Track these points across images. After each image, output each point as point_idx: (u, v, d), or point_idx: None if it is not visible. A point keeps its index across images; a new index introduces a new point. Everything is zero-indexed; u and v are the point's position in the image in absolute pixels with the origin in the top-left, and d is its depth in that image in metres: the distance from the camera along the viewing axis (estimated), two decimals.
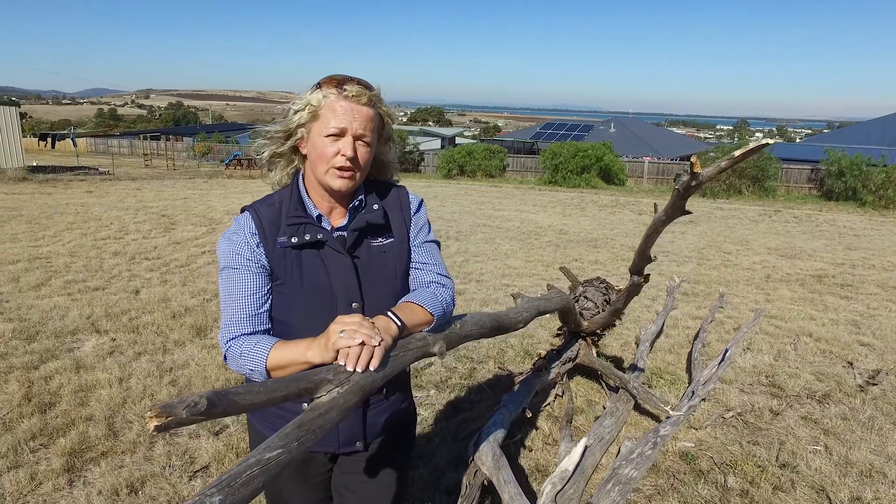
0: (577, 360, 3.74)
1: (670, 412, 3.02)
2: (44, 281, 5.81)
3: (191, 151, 35.52)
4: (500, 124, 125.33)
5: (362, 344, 1.18)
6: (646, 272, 2.71)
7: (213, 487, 0.85)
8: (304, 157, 1.39)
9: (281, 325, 1.40)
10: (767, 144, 1.53)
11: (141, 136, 38.13)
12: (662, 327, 5.23)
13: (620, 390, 3.43)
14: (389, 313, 1.31)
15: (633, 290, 2.87)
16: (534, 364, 3.40)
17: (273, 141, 1.39)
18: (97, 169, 22.57)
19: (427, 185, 20.97)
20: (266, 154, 1.41)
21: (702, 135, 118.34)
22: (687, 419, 3.42)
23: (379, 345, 1.20)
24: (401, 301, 1.41)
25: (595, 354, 3.79)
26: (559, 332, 3.96)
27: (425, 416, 3.48)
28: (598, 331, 3.97)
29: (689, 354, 4.44)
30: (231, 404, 0.92)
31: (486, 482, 2.12)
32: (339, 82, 1.31)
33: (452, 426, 3.31)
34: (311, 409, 1.08)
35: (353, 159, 1.32)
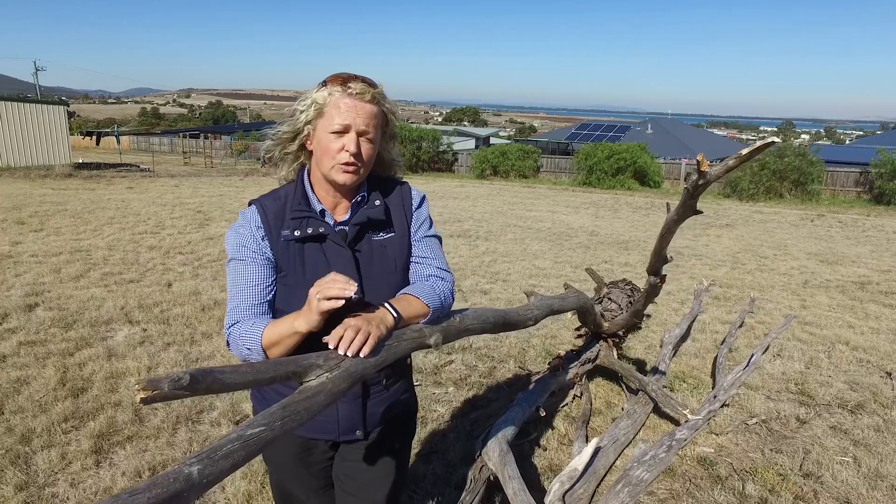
0: (598, 362, 3.70)
1: (689, 416, 2.97)
2: (83, 273, 6.05)
3: (228, 149, 36.40)
4: (535, 125, 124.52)
5: (358, 330, 1.21)
6: (663, 273, 2.66)
7: (193, 458, 0.89)
8: (310, 153, 1.43)
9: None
10: (774, 143, 1.49)
11: (181, 134, 39.17)
12: (689, 331, 5.13)
13: (640, 393, 3.39)
14: (386, 304, 1.34)
15: (652, 292, 2.83)
16: (549, 363, 3.38)
17: (282, 141, 1.44)
18: (138, 166, 23.30)
19: (460, 185, 21.01)
20: (277, 154, 1.46)
21: (744, 136, 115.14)
22: (708, 424, 3.35)
23: (372, 333, 1.23)
24: (399, 293, 1.43)
25: (616, 356, 3.74)
26: (577, 331, 3.93)
27: (442, 413, 3.49)
28: (620, 333, 3.92)
29: (715, 359, 4.34)
30: (215, 381, 0.95)
31: (492, 477, 2.12)
32: (343, 80, 1.35)
33: (468, 423, 3.32)
34: (298, 391, 1.11)
35: (357, 155, 1.35)
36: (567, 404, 3.54)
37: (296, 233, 1.40)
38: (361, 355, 1.20)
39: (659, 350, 4.28)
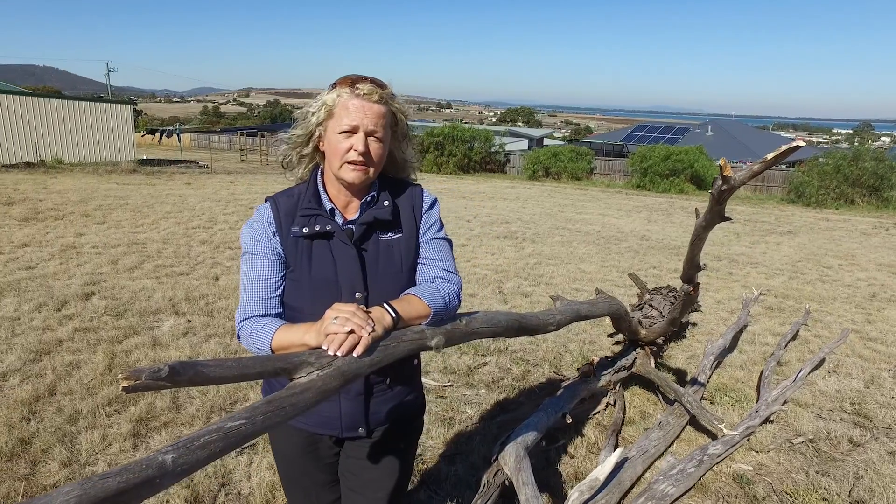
0: (633, 370, 3.59)
1: (725, 431, 2.83)
2: (137, 264, 6.34)
3: None
4: (591, 126, 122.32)
5: (351, 332, 1.21)
6: (696, 281, 2.55)
7: (170, 447, 0.91)
8: (324, 154, 1.46)
9: (292, 311, 1.46)
10: (799, 147, 1.40)
11: (239, 132, 40.43)
12: (736, 342, 4.92)
13: (676, 404, 3.26)
14: (385, 304, 1.34)
15: (687, 300, 2.72)
16: (578, 370, 3.30)
17: (297, 144, 1.47)
18: (197, 163, 24.19)
19: (510, 187, 20.86)
20: (294, 159, 1.50)
21: (814, 139, 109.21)
22: (748, 440, 3.19)
23: (368, 334, 1.23)
24: (403, 294, 1.43)
25: (653, 365, 3.62)
26: (610, 337, 3.82)
27: (471, 415, 3.47)
28: (659, 341, 3.79)
29: (762, 373, 4.13)
30: (198, 374, 0.97)
31: (507, 482, 2.09)
32: (352, 82, 1.37)
33: (494, 426, 3.28)
34: (287, 388, 1.12)
35: (366, 154, 1.38)
36: (599, 412, 3.45)
37: (304, 230, 1.43)
38: (354, 355, 1.21)
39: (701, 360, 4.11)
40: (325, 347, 1.21)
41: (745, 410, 3.62)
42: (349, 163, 1.38)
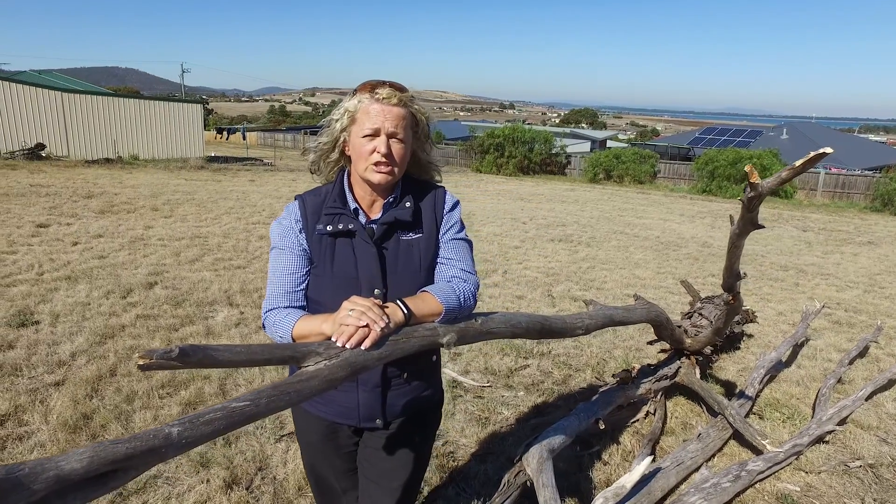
0: (676, 379, 3.48)
1: (768, 447, 2.71)
2: (198, 257, 6.67)
3: None
4: (658, 128, 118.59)
5: (366, 326, 1.27)
6: (737, 290, 2.45)
7: (176, 421, 0.98)
8: (350, 158, 1.52)
9: (315, 305, 1.54)
10: (826, 154, 1.32)
11: (303, 130, 41.57)
12: (794, 356, 4.68)
13: (719, 416, 3.14)
14: (398, 301, 1.39)
15: (731, 310, 2.61)
16: (614, 375, 3.24)
17: (324, 152, 1.55)
18: (262, 160, 25.12)
19: (570, 189, 20.54)
20: (322, 166, 1.58)
21: None
22: (797, 459, 3.04)
23: (380, 329, 1.28)
24: (419, 291, 1.47)
25: (698, 375, 3.50)
26: (650, 344, 3.72)
27: (507, 416, 3.47)
28: (707, 351, 3.66)
29: (819, 390, 3.91)
30: (207, 357, 1.04)
31: (528, 483, 2.08)
32: (371, 87, 1.44)
33: (528, 428, 3.27)
34: (294, 374, 1.18)
35: (388, 155, 1.43)
36: (638, 420, 3.37)
37: (328, 227, 1.50)
38: (363, 348, 1.26)
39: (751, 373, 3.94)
40: (334, 339, 1.26)
41: (797, 428, 3.44)
42: (373, 164, 1.44)
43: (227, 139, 43.22)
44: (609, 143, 38.83)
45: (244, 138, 36.52)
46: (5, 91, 19.96)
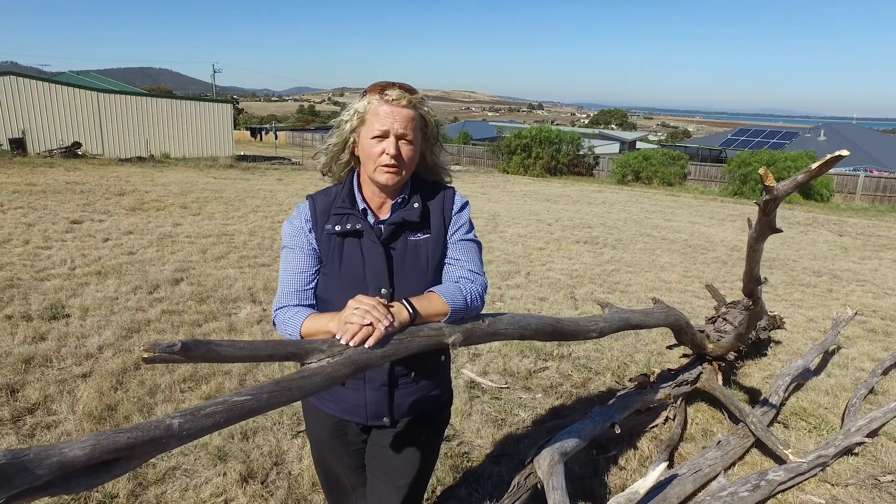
0: (697, 385, 3.41)
1: (791, 457, 2.63)
2: (224, 254, 6.79)
3: None
4: (690, 129, 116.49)
5: (370, 324, 1.28)
6: (757, 295, 2.38)
7: (178, 413, 1.00)
8: (358, 159, 1.54)
9: (324, 303, 1.55)
10: (842, 157, 1.28)
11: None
12: (824, 364, 4.54)
13: (741, 424, 3.07)
14: (404, 300, 1.40)
15: (752, 315, 2.55)
16: (631, 379, 3.19)
17: (334, 153, 1.56)
18: (290, 159, 25.44)
19: (597, 190, 20.34)
20: (334, 168, 1.59)
21: None
22: (823, 471, 2.95)
23: (384, 327, 1.29)
24: (426, 291, 1.48)
25: (720, 381, 3.42)
26: (670, 348, 3.65)
27: (523, 418, 3.45)
28: (730, 357, 3.58)
29: (850, 400, 3.78)
30: (210, 352, 1.05)
31: (539, 485, 2.07)
32: (381, 88, 1.45)
33: (545, 431, 3.24)
34: (297, 371, 1.19)
35: (397, 156, 1.44)
36: (657, 425, 3.32)
37: (337, 227, 1.52)
38: (366, 346, 1.26)
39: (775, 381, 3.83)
40: (338, 337, 1.27)
41: (824, 439, 3.34)
42: (382, 166, 1.45)
43: (260, 139, 43.95)
44: (639, 145, 38.30)
45: (276, 138, 37.12)
46: (46, 92, 20.66)
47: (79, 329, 4.17)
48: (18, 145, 19.26)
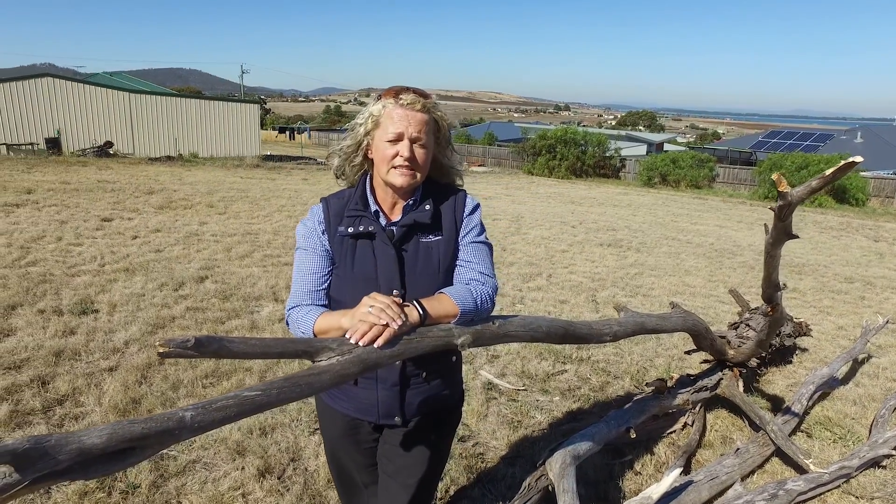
0: (717, 391, 3.37)
1: (812, 467, 2.58)
2: (248, 253, 6.90)
3: None
4: (720, 131, 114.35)
5: (385, 325, 1.31)
6: (776, 301, 2.35)
7: (190, 406, 1.04)
8: (372, 161, 1.57)
9: (336, 304, 1.58)
10: (856, 163, 1.26)
11: None
12: (854, 374, 4.43)
13: (761, 432, 3.02)
14: (414, 301, 1.42)
15: (772, 322, 2.51)
16: (648, 384, 3.16)
17: (348, 155, 1.60)
18: (315, 159, 25.68)
19: (623, 193, 20.10)
20: (347, 170, 1.62)
21: None
22: (847, 483, 2.88)
23: (395, 327, 1.31)
24: (437, 292, 1.50)
25: (741, 388, 3.37)
26: (688, 353, 3.60)
27: (540, 420, 3.45)
28: (752, 364, 3.53)
29: (879, 410, 3.69)
30: (222, 348, 1.09)
31: (550, 488, 2.07)
32: (395, 93, 1.48)
33: (560, 434, 3.23)
34: (307, 368, 1.22)
35: (412, 159, 1.47)
36: (675, 431, 3.28)
37: (349, 229, 1.55)
38: (375, 346, 1.29)
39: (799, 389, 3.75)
40: (348, 336, 1.30)
41: (849, 449, 3.26)
42: (396, 168, 1.48)
43: (292, 139, 44.48)
44: (666, 147, 37.76)
45: (309, 137, 37.54)
46: (80, 93, 21.27)
47: (106, 324, 4.30)
48: (54, 144, 19.87)
